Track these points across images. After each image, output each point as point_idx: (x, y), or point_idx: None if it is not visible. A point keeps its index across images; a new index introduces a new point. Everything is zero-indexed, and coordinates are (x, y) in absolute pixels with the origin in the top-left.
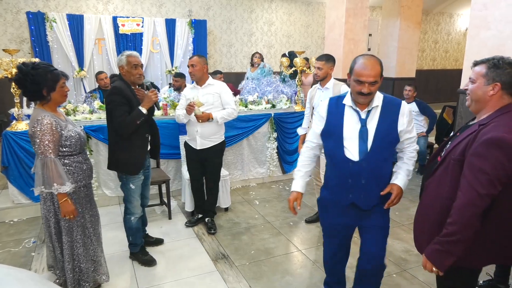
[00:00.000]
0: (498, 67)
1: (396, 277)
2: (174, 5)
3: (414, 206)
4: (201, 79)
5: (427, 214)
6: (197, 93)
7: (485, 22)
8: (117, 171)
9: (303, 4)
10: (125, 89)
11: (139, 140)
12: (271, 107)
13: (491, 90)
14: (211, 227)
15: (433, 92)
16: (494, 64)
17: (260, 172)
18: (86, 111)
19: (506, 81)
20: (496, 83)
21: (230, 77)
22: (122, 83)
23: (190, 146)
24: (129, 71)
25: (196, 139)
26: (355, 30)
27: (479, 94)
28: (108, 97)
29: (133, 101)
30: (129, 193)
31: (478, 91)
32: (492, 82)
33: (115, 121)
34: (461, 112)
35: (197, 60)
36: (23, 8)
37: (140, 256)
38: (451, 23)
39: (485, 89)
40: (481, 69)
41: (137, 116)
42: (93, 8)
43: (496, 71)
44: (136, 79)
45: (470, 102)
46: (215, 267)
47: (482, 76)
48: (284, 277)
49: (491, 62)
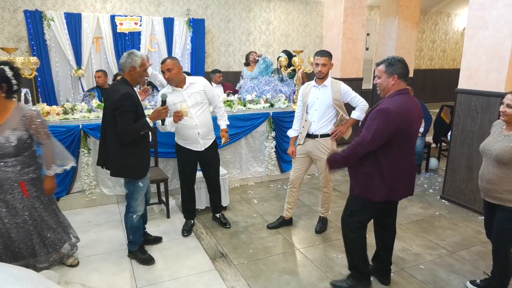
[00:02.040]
0: (392, 64)
1: (393, 275)
2: (172, 4)
3: (412, 205)
4: (180, 81)
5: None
6: (181, 96)
7: (483, 22)
8: (125, 177)
9: (301, 3)
10: (135, 96)
11: (144, 144)
12: (270, 106)
13: (392, 81)
14: (225, 222)
15: (430, 92)
16: (390, 63)
17: (259, 171)
18: (84, 109)
19: (400, 73)
20: (394, 75)
21: (228, 76)
22: (131, 89)
23: (189, 149)
24: (140, 73)
25: (199, 141)
26: (353, 29)
27: (384, 85)
28: (118, 101)
29: (139, 106)
30: (137, 190)
31: (383, 83)
32: (391, 75)
33: (119, 127)
34: (459, 111)
35: (172, 63)
36: (21, 6)
37: (138, 254)
38: (449, 22)
39: (388, 81)
40: (382, 67)
41: (142, 127)
42: (91, 6)
43: (392, 67)
44: (142, 81)
45: (380, 91)
46: (213, 265)
47: (384, 72)
48: (283, 276)
49: (387, 61)
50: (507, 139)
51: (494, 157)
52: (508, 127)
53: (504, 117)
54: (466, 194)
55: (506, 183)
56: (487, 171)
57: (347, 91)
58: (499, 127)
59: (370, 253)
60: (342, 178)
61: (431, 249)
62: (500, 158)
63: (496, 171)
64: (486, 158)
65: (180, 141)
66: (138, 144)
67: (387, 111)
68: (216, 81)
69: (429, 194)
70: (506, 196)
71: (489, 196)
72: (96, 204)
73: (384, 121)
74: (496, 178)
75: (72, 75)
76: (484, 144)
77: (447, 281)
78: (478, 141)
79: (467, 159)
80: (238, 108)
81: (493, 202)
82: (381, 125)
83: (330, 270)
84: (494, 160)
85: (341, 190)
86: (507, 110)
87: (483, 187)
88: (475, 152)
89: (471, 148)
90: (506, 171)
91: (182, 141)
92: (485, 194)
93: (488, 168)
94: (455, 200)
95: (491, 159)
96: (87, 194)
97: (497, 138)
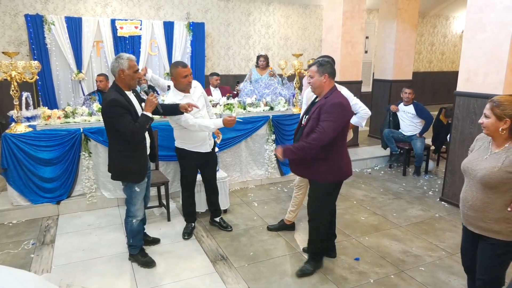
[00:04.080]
0: (323, 64)
1: (393, 278)
2: (172, 8)
3: (412, 207)
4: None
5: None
6: (191, 100)
7: (481, 24)
8: (122, 181)
9: (300, 6)
10: (121, 99)
11: (140, 148)
12: (269, 109)
13: (323, 79)
14: (226, 225)
15: (429, 94)
16: (320, 63)
17: (259, 174)
18: (85, 113)
19: (330, 72)
20: (325, 74)
21: (228, 80)
22: (117, 94)
23: (197, 153)
24: (130, 75)
25: (208, 141)
26: (352, 32)
27: (318, 84)
28: (107, 110)
29: (131, 108)
30: (134, 195)
31: (317, 82)
32: (322, 74)
33: (127, 130)
34: (458, 114)
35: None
36: (22, 10)
37: (139, 257)
38: (447, 25)
39: (320, 79)
40: (314, 68)
41: (145, 120)
42: (92, 10)
43: (323, 67)
44: (135, 83)
45: (314, 90)
46: (214, 268)
47: (316, 72)
48: (283, 278)
49: (318, 62)
50: (494, 158)
51: (478, 179)
52: (495, 143)
53: (484, 130)
54: None
55: (492, 211)
56: (470, 195)
57: (348, 97)
58: (484, 142)
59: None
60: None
61: (431, 251)
62: (486, 181)
63: (480, 196)
64: (469, 179)
65: (186, 146)
66: (135, 148)
67: (342, 104)
68: (213, 84)
69: (429, 196)
70: (492, 226)
71: (472, 224)
72: (97, 207)
73: (341, 113)
74: (480, 204)
75: (73, 78)
76: (466, 162)
77: (447, 282)
78: None
79: None
80: (238, 111)
81: (476, 232)
82: (339, 117)
83: (330, 273)
84: (478, 182)
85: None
86: (484, 121)
87: (464, 213)
88: None
89: None
90: (492, 196)
91: (190, 145)
92: (466, 221)
93: (472, 192)
94: (455, 202)
95: (475, 180)
96: (88, 197)
97: (483, 155)
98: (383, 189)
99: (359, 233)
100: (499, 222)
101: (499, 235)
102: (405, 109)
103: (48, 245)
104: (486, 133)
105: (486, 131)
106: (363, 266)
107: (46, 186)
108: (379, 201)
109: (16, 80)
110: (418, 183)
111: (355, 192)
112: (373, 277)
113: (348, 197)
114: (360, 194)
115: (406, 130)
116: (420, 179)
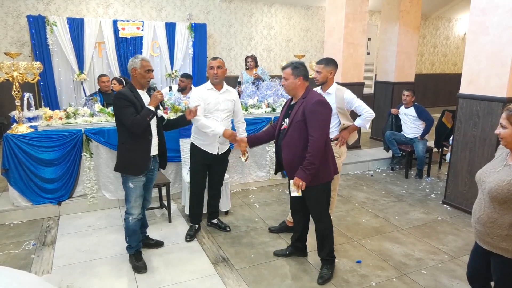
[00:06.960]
0: (297, 67)
1: (395, 281)
2: (174, 9)
3: (414, 210)
4: (221, 82)
5: (293, 155)
6: (217, 97)
7: (484, 27)
8: (121, 172)
9: (302, 8)
10: (129, 95)
11: (143, 142)
12: (271, 111)
13: (298, 81)
14: (225, 226)
15: (432, 96)
16: (295, 66)
17: (260, 175)
18: (87, 114)
19: (303, 74)
20: (300, 76)
21: (229, 81)
22: (127, 90)
23: (204, 151)
24: (142, 74)
25: (217, 144)
26: (355, 34)
27: (292, 86)
28: (114, 102)
29: (137, 104)
30: (128, 191)
31: (291, 84)
32: (297, 76)
33: (128, 120)
34: (460, 116)
35: (222, 62)
36: (24, 11)
37: (133, 259)
38: (450, 27)
39: (295, 82)
40: (289, 70)
41: (147, 113)
42: (93, 11)
43: (297, 70)
44: (146, 82)
45: (289, 91)
46: (215, 270)
47: (291, 75)
48: (284, 281)
49: (292, 65)
50: (507, 171)
51: (487, 191)
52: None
53: (502, 141)
54: (468, 199)
55: (499, 227)
56: (479, 207)
57: (351, 99)
58: (503, 153)
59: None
60: (343, 183)
61: (433, 254)
62: (493, 194)
63: (488, 210)
64: (481, 191)
65: (196, 141)
66: (137, 141)
67: (324, 101)
68: None
69: (431, 199)
70: (499, 243)
71: (480, 239)
72: (98, 208)
73: (325, 110)
74: (487, 218)
75: (74, 79)
76: (480, 171)
77: (449, 286)
78: (479, 146)
79: (469, 164)
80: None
81: (484, 248)
82: (326, 114)
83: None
84: (487, 195)
85: (342, 195)
86: (501, 132)
87: (474, 226)
88: (476, 157)
89: (473, 153)
90: (500, 212)
91: (200, 141)
92: (476, 235)
93: (481, 204)
94: (457, 205)
95: (485, 193)
96: (89, 198)
97: (497, 167)
98: (385, 192)
99: (360, 235)
100: (507, 240)
101: (507, 253)
102: (406, 111)
103: (48, 246)
104: (504, 144)
105: (504, 142)
106: (364, 269)
107: (47, 187)
108: (381, 204)
109: (18, 80)
110: (420, 186)
111: (357, 194)
112: (375, 280)
113: (349, 199)
114: (362, 197)
115: (408, 132)
116: (422, 182)
